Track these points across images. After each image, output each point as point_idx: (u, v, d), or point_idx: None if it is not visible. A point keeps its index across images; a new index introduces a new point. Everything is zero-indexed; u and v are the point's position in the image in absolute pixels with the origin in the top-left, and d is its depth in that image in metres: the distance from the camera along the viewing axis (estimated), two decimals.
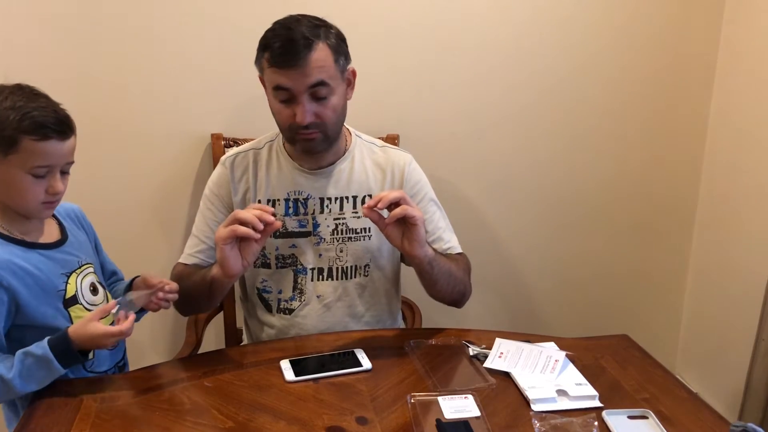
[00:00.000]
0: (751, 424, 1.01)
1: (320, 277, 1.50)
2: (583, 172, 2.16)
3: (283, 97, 1.35)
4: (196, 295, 1.38)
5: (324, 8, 1.85)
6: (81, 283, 1.29)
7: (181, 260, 1.50)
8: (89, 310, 1.26)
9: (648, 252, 2.28)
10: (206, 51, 1.85)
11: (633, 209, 2.22)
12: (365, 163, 1.51)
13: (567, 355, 1.29)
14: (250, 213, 1.21)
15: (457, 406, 1.14)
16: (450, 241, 1.53)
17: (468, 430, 1.08)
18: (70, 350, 1.15)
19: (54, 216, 1.31)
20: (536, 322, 2.27)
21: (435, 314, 1.70)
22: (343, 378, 1.24)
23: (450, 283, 1.43)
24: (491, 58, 2.00)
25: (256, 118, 1.91)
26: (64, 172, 1.22)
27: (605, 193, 2.19)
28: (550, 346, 1.34)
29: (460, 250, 1.55)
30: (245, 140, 1.85)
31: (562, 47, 2.03)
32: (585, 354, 1.33)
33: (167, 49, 1.83)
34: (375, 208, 1.24)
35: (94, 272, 1.34)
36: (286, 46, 1.30)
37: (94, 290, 1.31)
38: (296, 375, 1.23)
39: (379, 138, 1.63)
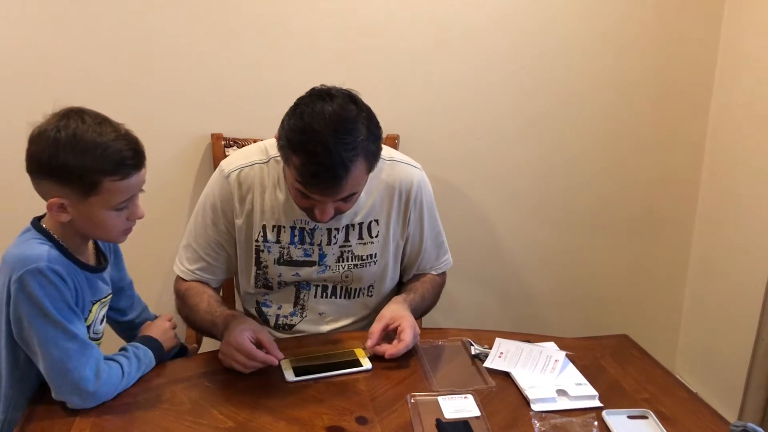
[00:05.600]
0: (751, 424, 1.01)
1: (324, 294, 1.48)
2: (583, 171, 2.16)
3: (305, 196, 1.26)
4: (199, 328, 1.43)
5: (326, 9, 1.86)
6: (99, 313, 1.23)
7: (179, 273, 1.45)
8: (93, 340, 1.22)
9: (648, 251, 2.27)
10: (206, 51, 1.85)
11: (633, 209, 2.22)
12: (371, 184, 1.40)
13: (567, 355, 1.29)
14: (262, 361, 1.22)
15: (457, 406, 1.14)
16: (445, 259, 1.57)
17: (468, 430, 1.08)
18: (162, 351, 1.28)
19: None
20: (536, 321, 2.27)
21: (435, 314, 1.70)
22: (343, 378, 1.24)
23: (418, 314, 1.49)
24: (491, 59, 2.00)
25: (256, 118, 1.91)
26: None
27: (605, 193, 2.19)
28: (550, 346, 1.34)
29: (449, 264, 1.58)
30: (245, 140, 1.85)
31: (561, 49, 2.03)
32: (585, 354, 1.33)
33: (167, 49, 1.83)
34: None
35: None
36: (322, 174, 1.18)
37: (101, 321, 1.26)
38: (296, 375, 1.23)
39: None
